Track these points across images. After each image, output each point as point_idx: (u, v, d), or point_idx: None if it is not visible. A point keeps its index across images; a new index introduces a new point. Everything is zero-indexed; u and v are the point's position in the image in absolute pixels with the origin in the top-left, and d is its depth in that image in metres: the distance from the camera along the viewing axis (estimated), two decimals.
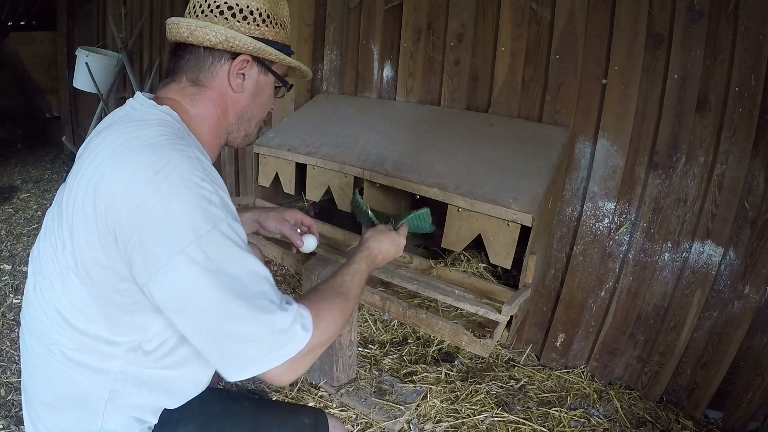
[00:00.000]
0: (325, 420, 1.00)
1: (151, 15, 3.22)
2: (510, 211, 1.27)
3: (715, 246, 1.42)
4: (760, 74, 1.27)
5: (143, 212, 0.66)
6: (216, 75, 0.87)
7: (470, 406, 1.54)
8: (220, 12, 0.84)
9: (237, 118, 0.92)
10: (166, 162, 0.69)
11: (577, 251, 1.64)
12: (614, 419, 1.52)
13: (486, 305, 1.28)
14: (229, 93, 0.89)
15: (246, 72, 0.89)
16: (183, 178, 0.68)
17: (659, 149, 1.44)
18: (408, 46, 1.90)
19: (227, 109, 0.90)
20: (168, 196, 0.66)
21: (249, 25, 0.86)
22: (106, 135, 0.77)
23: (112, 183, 0.69)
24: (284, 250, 1.64)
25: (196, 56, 0.86)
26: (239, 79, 0.88)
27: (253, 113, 0.94)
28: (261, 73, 0.91)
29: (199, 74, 0.87)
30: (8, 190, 3.39)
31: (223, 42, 0.83)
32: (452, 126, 1.68)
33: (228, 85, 0.88)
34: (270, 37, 0.89)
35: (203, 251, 0.65)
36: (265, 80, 0.92)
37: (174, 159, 0.70)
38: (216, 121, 0.90)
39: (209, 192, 0.69)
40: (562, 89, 1.57)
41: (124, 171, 0.69)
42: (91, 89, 3.10)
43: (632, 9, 1.40)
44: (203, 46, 0.84)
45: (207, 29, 0.82)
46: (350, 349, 1.54)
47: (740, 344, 1.43)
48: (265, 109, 0.97)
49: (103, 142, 0.75)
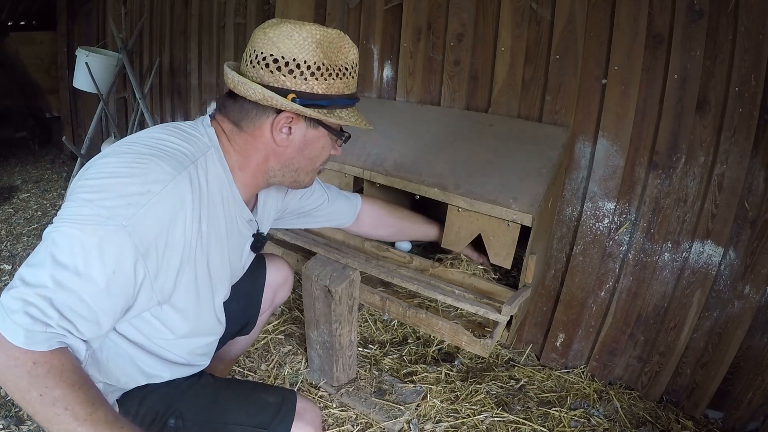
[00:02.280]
0: (292, 400, 0.98)
1: (151, 15, 3.22)
2: (510, 211, 1.27)
3: (715, 246, 1.42)
4: (760, 74, 1.27)
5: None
6: (259, 126, 0.87)
7: (470, 406, 1.54)
8: (266, 65, 0.82)
9: (281, 166, 0.92)
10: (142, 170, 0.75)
11: (577, 251, 1.64)
12: (614, 419, 1.52)
13: (486, 305, 1.28)
14: (271, 145, 0.88)
15: (293, 126, 0.87)
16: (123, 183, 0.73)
17: (659, 149, 1.44)
18: (408, 46, 1.90)
19: (269, 158, 0.90)
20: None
21: (296, 79, 0.83)
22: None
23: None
24: (284, 250, 1.64)
25: (241, 105, 0.87)
26: (284, 134, 0.87)
27: (300, 165, 0.93)
28: (310, 127, 0.89)
29: (242, 121, 0.87)
30: (8, 190, 3.39)
31: (261, 100, 0.83)
32: (452, 126, 1.68)
33: (271, 137, 0.87)
34: (320, 90, 0.84)
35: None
36: (314, 134, 0.90)
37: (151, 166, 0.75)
38: (253, 165, 0.90)
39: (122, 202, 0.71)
40: (562, 89, 1.57)
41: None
42: (91, 89, 3.10)
43: (632, 9, 1.40)
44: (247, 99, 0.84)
45: (246, 86, 0.82)
46: (350, 349, 1.54)
47: (740, 344, 1.43)
48: (318, 160, 0.95)
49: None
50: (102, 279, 0.68)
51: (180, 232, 0.78)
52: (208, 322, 0.96)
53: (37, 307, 0.64)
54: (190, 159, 0.80)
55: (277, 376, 1.66)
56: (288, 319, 1.97)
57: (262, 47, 0.83)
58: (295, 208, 1.23)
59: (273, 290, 1.35)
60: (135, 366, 0.90)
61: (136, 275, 0.73)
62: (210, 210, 0.84)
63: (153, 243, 0.73)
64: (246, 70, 0.85)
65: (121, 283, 0.71)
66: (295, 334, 1.88)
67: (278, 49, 0.82)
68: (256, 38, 0.85)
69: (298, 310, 2.02)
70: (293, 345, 1.82)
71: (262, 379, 1.65)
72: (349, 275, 1.37)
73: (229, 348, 1.40)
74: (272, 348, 1.80)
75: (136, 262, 0.72)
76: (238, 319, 1.25)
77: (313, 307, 1.46)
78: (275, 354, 1.76)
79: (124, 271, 0.71)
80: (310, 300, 1.45)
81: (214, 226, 0.87)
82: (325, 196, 1.30)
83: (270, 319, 1.96)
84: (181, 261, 0.80)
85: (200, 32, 2.90)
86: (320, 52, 0.83)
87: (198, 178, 0.81)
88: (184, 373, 0.99)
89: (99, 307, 0.69)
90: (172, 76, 3.19)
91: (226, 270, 0.96)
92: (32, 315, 0.64)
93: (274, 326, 1.91)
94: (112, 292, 0.70)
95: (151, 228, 0.72)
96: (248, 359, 1.74)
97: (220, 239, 0.90)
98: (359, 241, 1.60)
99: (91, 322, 0.69)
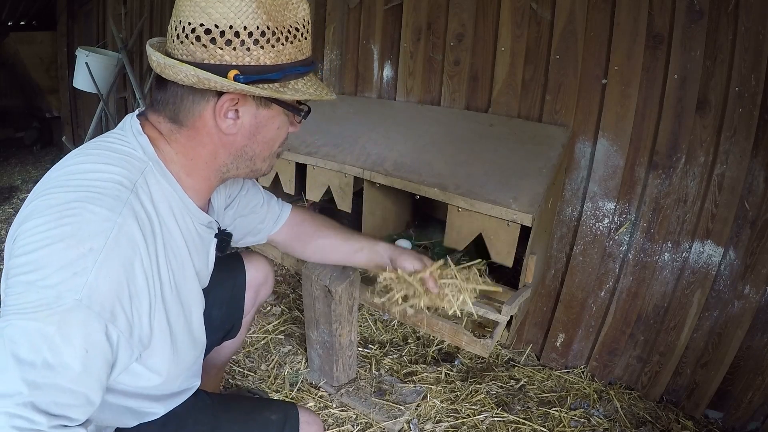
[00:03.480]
0: (295, 415, 0.95)
1: (151, 15, 3.22)
2: (510, 211, 1.27)
3: (715, 246, 1.42)
4: (760, 74, 1.27)
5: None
6: (200, 116, 0.73)
7: (470, 406, 1.54)
8: (197, 37, 0.67)
9: (233, 158, 0.79)
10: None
11: (577, 251, 1.64)
12: (614, 419, 1.52)
13: (486, 305, 1.28)
14: (217, 135, 0.75)
15: (240, 108, 0.73)
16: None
17: (659, 149, 1.44)
18: (408, 46, 1.90)
19: (217, 152, 0.77)
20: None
21: (236, 51, 0.67)
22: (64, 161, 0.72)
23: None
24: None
25: (174, 93, 0.73)
26: (230, 119, 0.73)
27: (255, 152, 0.79)
28: (261, 107, 0.75)
29: (179, 114, 0.74)
30: (8, 190, 3.39)
31: (196, 84, 0.68)
32: (452, 126, 1.68)
33: (215, 126, 0.73)
34: (268, 61, 0.69)
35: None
36: (267, 113, 0.76)
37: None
38: (201, 165, 0.77)
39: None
40: (562, 89, 1.57)
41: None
42: (91, 89, 3.10)
43: (632, 9, 1.40)
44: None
45: (176, 68, 0.67)
46: (350, 349, 1.54)
47: (740, 344, 1.43)
48: (275, 143, 0.82)
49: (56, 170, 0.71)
50: (77, 362, 0.60)
51: (140, 276, 0.68)
52: (186, 347, 0.88)
53: (22, 418, 0.56)
54: (127, 188, 0.68)
55: (277, 376, 1.66)
56: (288, 319, 1.97)
57: (189, 16, 0.67)
58: (236, 202, 1.07)
59: (254, 290, 1.28)
60: (125, 409, 0.83)
61: (110, 342, 0.65)
62: (165, 237, 0.75)
63: (117, 303, 0.64)
64: (173, 48, 0.70)
65: (97, 356, 0.63)
66: (295, 334, 1.88)
67: (209, 17, 0.66)
68: (181, 5, 0.68)
69: (298, 310, 2.02)
70: (293, 345, 1.82)
71: (262, 379, 1.65)
72: (349, 275, 1.37)
73: (218, 354, 1.35)
74: (272, 348, 1.80)
75: (106, 329, 0.63)
76: (222, 325, 1.21)
77: (313, 307, 1.46)
78: (275, 354, 1.76)
79: (96, 345, 0.63)
80: (310, 300, 1.45)
81: (174, 250, 0.78)
82: (260, 196, 1.14)
83: (270, 319, 1.96)
84: (150, 303, 0.71)
85: None
86: (263, 13, 0.67)
87: (143, 207, 0.70)
88: (179, 401, 0.93)
89: (84, 388, 0.62)
90: None
91: (196, 290, 0.89)
92: (20, 427, 0.56)
93: (274, 326, 1.91)
94: (91, 369, 0.62)
95: (109, 289, 0.63)
96: (248, 359, 1.74)
97: (182, 262, 0.81)
98: None
99: (81, 406, 0.62)
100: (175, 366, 0.84)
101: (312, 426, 0.96)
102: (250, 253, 1.34)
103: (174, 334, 0.81)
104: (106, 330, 0.64)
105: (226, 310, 1.21)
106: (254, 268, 1.28)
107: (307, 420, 0.96)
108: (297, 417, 0.95)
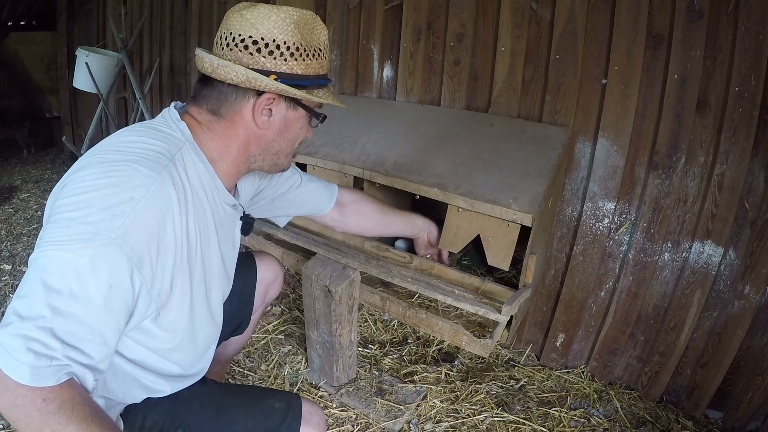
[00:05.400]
0: (298, 404, 0.99)
1: (151, 15, 3.22)
2: (510, 211, 1.27)
3: (715, 246, 1.42)
4: (760, 74, 1.27)
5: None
6: (239, 111, 0.86)
7: (470, 406, 1.54)
8: (245, 47, 0.81)
9: (261, 150, 0.91)
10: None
11: (577, 251, 1.64)
12: (614, 419, 1.52)
13: (486, 305, 1.28)
14: (252, 129, 0.87)
15: (273, 108, 0.87)
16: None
17: (659, 149, 1.44)
18: (408, 46, 1.90)
19: (249, 143, 0.89)
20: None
21: (275, 60, 0.82)
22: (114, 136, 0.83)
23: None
24: (284, 250, 1.64)
25: (219, 91, 0.85)
26: (265, 116, 0.86)
27: (281, 147, 0.92)
28: (290, 108, 0.89)
29: (220, 108, 0.86)
30: (8, 190, 3.39)
31: (244, 82, 0.81)
32: (452, 126, 1.68)
33: (252, 121, 0.86)
34: (299, 71, 0.84)
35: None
36: (294, 115, 0.90)
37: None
38: (233, 152, 0.89)
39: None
40: (562, 89, 1.57)
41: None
42: (91, 89, 3.10)
43: (632, 9, 1.40)
44: (226, 82, 0.83)
45: (228, 68, 0.80)
46: (350, 349, 1.54)
47: (740, 344, 1.43)
48: (296, 141, 0.95)
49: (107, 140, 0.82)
50: (99, 296, 0.66)
51: (170, 233, 0.76)
52: (204, 320, 0.95)
53: (38, 341, 0.61)
54: (167, 157, 0.79)
55: (277, 376, 1.66)
56: (288, 319, 1.97)
57: (239, 29, 0.81)
58: (268, 192, 1.21)
59: (264, 288, 1.36)
60: (135, 381, 0.88)
61: (133, 286, 0.71)
62: (196, 205, 0.83)
63: (145, 250, 0.71)
64: (222, 54, 0.83)
65: (119, 296, 0.69)
66: (295, 334, 1.88)
67: (257, 31, 0.80)
68: (231, 20, 0.83)
69: (298, 310, 2.02)
70: (293, 345, 1.82)
71: (262, 379, 1.65)
72: (349, 275, 1.37)
73: (224, 349, 1.40)
74: (272, 348, 1.80)
75: (132, 272, 0.70)
76: (232, 320, 1.25)
77: (313, 307, 1.46)
78: (275, 354, 1.76)
79: (120, 284, 0.69)
80: (310, 300, 1.45)
81: (202, 220, 0.86)
82: (297, 176, 1.27)
83: (270, 319, 1.96)
84: (174, 262, 0.79)
85: (200, 32, 2.90)
86: (298, 32, 0.82)
87: (179, 176, 0.79)
88: (185, 385, 0.98)
89: (102, 326, 0.67)
90: (172, 76, 3.19)
91: (219, 266, 0.95)
92: (35, 350, 0.61)
93: (274, 326, 1.91)
94: (112, 307, 0.68)
95: (141, 235, 0.70)
96: (248, 359, 1.74)
97: (208, 234, 0.89)
98: (359, 241, 1.60)
99: (97, 343, 0.67)
100: (190, 335, 0.90)
101: (314, 416, 1.00)
102: (261, 252, 1.41)
103: (194, 301, 0.88)
104: (132, 274, 0.70)
105: (237, 305, 1.25)
106: (265, 267, 1.36)
107: (310, 410, 1.00)
108: (300, 406, 0.99)
